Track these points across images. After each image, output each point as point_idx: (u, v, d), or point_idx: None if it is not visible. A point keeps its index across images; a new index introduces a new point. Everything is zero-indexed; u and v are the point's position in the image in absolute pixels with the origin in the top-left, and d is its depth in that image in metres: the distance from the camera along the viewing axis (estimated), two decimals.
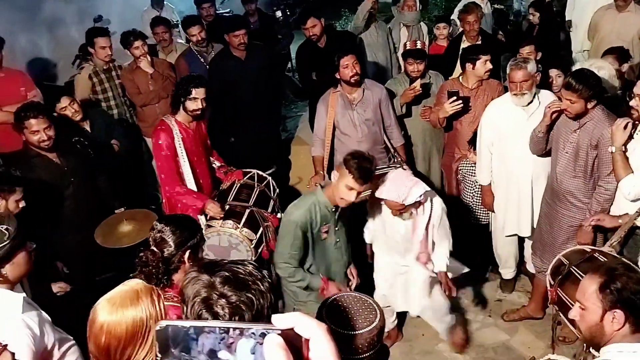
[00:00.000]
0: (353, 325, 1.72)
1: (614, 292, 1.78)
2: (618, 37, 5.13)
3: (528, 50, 4.38)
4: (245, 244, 3.59)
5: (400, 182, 3.15)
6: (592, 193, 3.43)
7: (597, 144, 3.30)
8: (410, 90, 4.30)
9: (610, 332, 1.81)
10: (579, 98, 3.24)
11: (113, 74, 5.11)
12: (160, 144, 3.71)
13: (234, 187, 3.89)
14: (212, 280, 1.28)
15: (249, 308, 1.23)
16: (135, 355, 1.65)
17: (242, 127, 5.05)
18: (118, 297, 1.69)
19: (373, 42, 5.35)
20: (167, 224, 2.30)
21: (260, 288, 1.27)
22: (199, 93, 3.70)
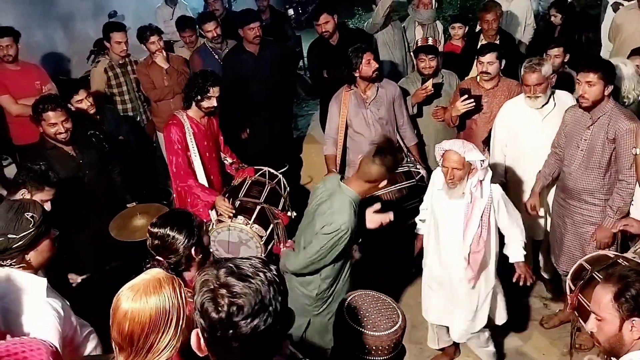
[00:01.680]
0: (378, 325, 1.68)
1: (630, 300, 1.75)
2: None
3: (556, 52, 4.30)
4: (255, 240, 3.58)
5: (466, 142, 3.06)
6: (608, 189, 3.38)
7: (614, 138, 3.25)
8: (422, 90, 4.28)
9: (630, 341, 1.78)
10: (599, 79, 3.20)
11: (128, 69, 5.15)
12: (171, 138, 3.74)
13: (245, 183, 3.90)
14: (216, 272, 1.29)
15: (251, 297, 1.23)
16: (158, 343, 1.67)
17: (255, 122, 5.07)
18: (141, 285, 1.71)
19: (390, 40, 5.32)
20: (163, 228, 2.28)
21: (263, 278, 1.26)
22: (215, 92, 3.73)
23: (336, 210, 2.81)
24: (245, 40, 4.91)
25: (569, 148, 3.50)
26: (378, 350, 1.66)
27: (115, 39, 4.97)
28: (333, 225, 2.77)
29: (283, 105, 5.38)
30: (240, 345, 1.25)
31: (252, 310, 1.23)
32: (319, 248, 2.83)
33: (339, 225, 2.77)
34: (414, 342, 3.85)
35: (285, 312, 1.28)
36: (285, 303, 1.28)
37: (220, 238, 3.63)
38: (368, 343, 1.65)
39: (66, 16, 6.85)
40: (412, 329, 3.95)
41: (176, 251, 2.27)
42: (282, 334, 1.30)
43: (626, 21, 5.31)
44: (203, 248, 2.33)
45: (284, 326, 1.29)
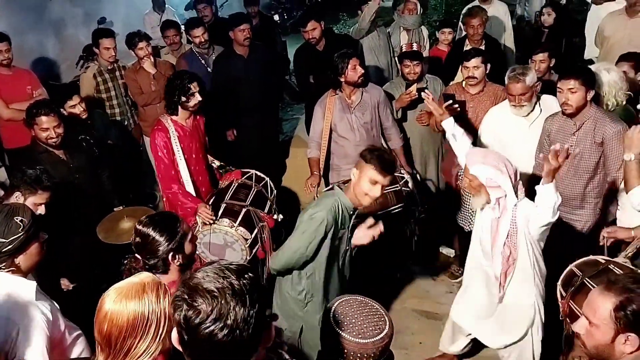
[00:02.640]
0: (364, 332, 1.67)
1: (630, 316, 1.69)
2: (630, 43, 5.08)
3: (542, 57, 4.31)
4: (240, 243, 3.60)
5: (490, 154, 2.96)
6: (597, 192, 3.41)
7: (602, 141, 3.28)
8: (406, 95, 4.31)
9: (620, 354, 1.74)
10: (580, 85, 3.23)
11: (117, 74, 5.21)
12: (156, 144, 3.78)
13: (231, 186, 3.92)
14: (194, 275, 1.31)
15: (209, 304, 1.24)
16: (136, 348, 1.67)
17: (246, 125, 5.11)
18: (125, 288, 1.72)
19: (375, 45, 5.37)
20: (147, 227, 2.29)
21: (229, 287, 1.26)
22: (196, 86, 3.77)
23: (318, 204, 2.87)
24: (235, 43, 4.96)
25: None
26: (363, 357, 1.64)
27: (104, 45, 5.03)
28: (310, 214, 2.82)
29: (272, 109, 5.43)
30: (202, 349, 1.26)
31: (206, 317, 1.23)
32: (297, 238, 2.86)
33: (314, 213, 2.80)
34: (399, 348, 3.81)
35: (254, 323, 1.26)
36: (256, 313, 1.26)
37: (206, 240, 3.65)
38: (353, 350, 1.64)
39: (58, 22, 6.88)
40: (398, 334, 3.85)
41: (154, 253, 2.27)
42: (249, 344, 1.28)
43: (613, 28, 5.34)
44: (184, 255, 2.32)
45: (252, 337, 1.26)
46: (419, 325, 4.06)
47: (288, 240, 2.93)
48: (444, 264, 4.69)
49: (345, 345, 1.66)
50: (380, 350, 1.66)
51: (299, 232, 2.85)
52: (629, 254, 3.02)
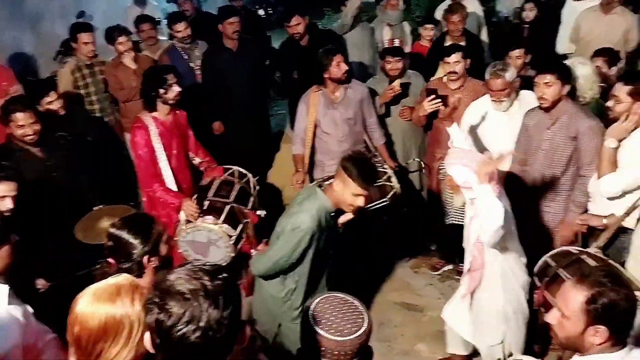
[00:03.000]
0: (342, 330, 1.67)
1: (601, 309, 1.73)
2: (606, 39, 5.19)
3: (517, 53, 4.37)
4: (224, 239, 3.58)
5: (470, 154, 2.99)
6: (570, 186, 3.49)
7: (575, 136, 3.36)
8: (390, 90, 4.33)
9: (589, 345, 1.79)
10: (556, 80, 3.31)
11: (96, 70, 5.10)
12: (136, 142, 3.72)
13: (214, 183, 3.88)
14: (166, 277, 1.30)
15: (180, 307, 1.23)
16: (106, 352, 1.64)
17: (234, 119, 5.09)
18: (100, 290, 1.69)
19: (359, 41, 5.39)
20: (120, 230, 2.23)
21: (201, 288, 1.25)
22: (172, 77, 3.71)
23: (301, 210, 2.83)
24: (225, 37, 4.94)
25: (530, 149, 3.59)
26: (341, 354, 1.65)
27: (82, 39, 4.93)
28: (293, 224, 2.79)
29: (263, 104, 5.41)
30: (175, 352, 1.24)
31: (179, 320, 1.22)
32: (280, 247, 2.85)
33: (299, 224, 2.77)
34: (381, 340, 3.87)
35: (228, 324, 1.25)
36: (230, 314, 1.25)
37: (189, 239, 3.62)
38: (330, 348, 1.65)
39: (34, 16, 6.72)
40: (380, 326, 3.98)
41: (128, 256, 2.20)
42: (223, 345, 1.27)
43: (589, 24, 5.43)
44: (159, 257, 2.26)
45: (226, 338, 1.26)
46: (400, 317, 4.12)
47: (272, 246, 2.92)
48: (425, 257, 4.76)
49: (323, 343, 1.66)
50: (357, 347, 1.67)
51: (282, 241, 2.84)
52: (600, 244, 3.12)
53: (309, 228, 2.77)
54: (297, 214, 2.82)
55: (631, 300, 1.76)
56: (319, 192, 2.89)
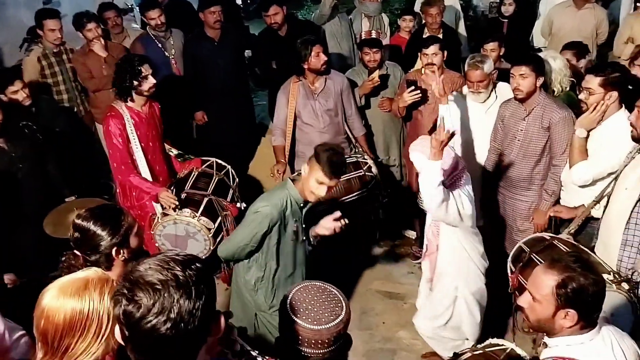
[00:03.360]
0: (319, 319, 1.66)
1: (570, 293, 1.77)
2: (579, 34, 5.30)
3: (492, 46, 4.43)
4: (203, 232, 3.52)
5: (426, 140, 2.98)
6: (543, 175, 3.57)
7: (548, 126, 3.45)
8: (369, 82, 4.32)
9: (560, 327, 1.84)
10: (531, 72, 3.39)
11: (64, 58, 4.94)
12: (110, 131, 3.60)
13: (191, 175, 3.81)
14: (135, 267, 1.25)
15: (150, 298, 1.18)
16: (74, 348, 1.59)
17: (216, 110, 5.00)
18: (66, 284, 1.63)
19: (337, 32, 5.34)
20: (87, 221, 2.13)
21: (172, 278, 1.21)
22: (147, 69, 3.61)
23: (267, 196, 2.91)
24: (206, 25, 4.84)
25: (506, 140, 3.66)
26: (318, 343, 1.64)
27: (48, 26, 4.74)
28: (256, 208, 2.85)
29: (245, 94, 5.33)
30: (144, 343, 1.21)
31: (148, 312, 1.17)
32: (241, 230, 2.92)
33: (260, 208, 2.83)
34: (363, 329, 3.91)
35: (200, 315, 1.22)
36: (202, 305, 1.22)
37: (167, 232, 3.54)
38: (307, 336, 1.63)
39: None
40: (362, 315, 4.03)
41: (96, 248, 2.10)
42: (196, 336, 1.24)
43: (562, 19, 5.54)
44: (130, 250, 2.17)
45: (198, 329, 1.22)
46: (382, 305, 4.16)
47: (235, 230, 3.01)
48: (406, 246, 4.81)
49: (300, 331, 1.65)
50: (335, 336, 1.66)
51: (244, 225, 2.91)
52: (572, 230, 3.22)
53: (268, 213, 2.82)
54: (261, 200, 2.91)
55: (600, 284, 1.82)
56: (289, 182, 2.95)
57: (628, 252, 2.81)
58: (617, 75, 3.12)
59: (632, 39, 4.97)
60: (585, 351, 1.83)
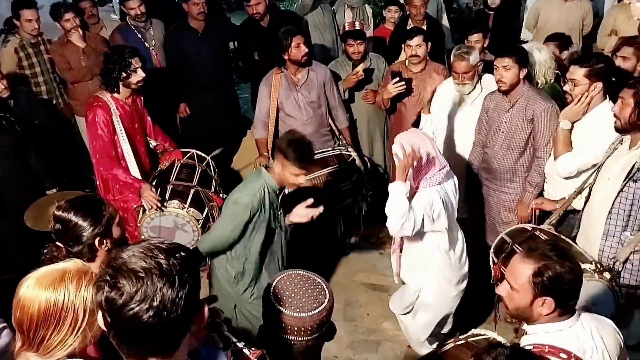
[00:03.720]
0: (302, 306, 1.66)
1: (546, 282, 1.79)
2: (565, 26, 5.34)
3: (476, 37, 4.44)
4: (192, 224, 3.49)
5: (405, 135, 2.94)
6: (527, 167, 3.58)
7: (532, 118, 3.45)
8: (353, 75, 4.30)
9: (537, 315, 1.86)
10: (514, 63, 3.39)
11: (42, 48, 4.86)
12: (96, 122, 3.52)
13: (174, 167, 3.76)
14: (118, 254, 1.23)
15: (132, 285, 1.17)
16: (49, 339, 1.57)
17: (199, 103, 4.95)
18: (43, 275, 1.61)
19: (320, 22, 5.32)
20: (67, 212, 2.10)
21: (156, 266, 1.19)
22: (137, 62, 3.55)
23: (244, 186, 2.91)
24: (190, 17, 4.77)
25: (490, 132, 3.67)
26: (301, 330, 1.64)
27: (25, 16, 4.65)
28: (234, 199, 2.85)
29: (230, 87, 5.28)
30: (126, 331, 1.20)
31: (130, 299, 1.16)
32: (221, 223, 2.91)
33: (239, 198, 2.83)
34: (348, 320, 3.91)
35: (184, 304, 1.20)
36: (186, 294, 1.21)
37: (155, 224, 3.50)
38: (290, 324, 1.63)
39: None
40: (347, 306, 4.03)
41: (78, 239, 2.08)
42: (179, 325, 1.23)
43: (549, 11, 5.57)
44: (111, 240, 2.15)
45: (181, 318, 1.21)
46: (366, 297, 4.16)
47: (215, 223, 2.99)
48: (390, 238, 4.75)
49: (283, 319, 1.66)
50: (318, 323, 1.66)
51: (224, 216, 2.91)
52: (553, 221, 3.25)
53: (248, 203, 2.82)
54: (239, 191, 2.91)
55: (576, 272, 1.84)
56: (264, 171, 2.95)
57: (610, 242, 2.85)
58: (602, 66, 3.13)
59: (616, 31, 5.01)
60: (563, 338, 1.86)
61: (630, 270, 2.84)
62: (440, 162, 2.89)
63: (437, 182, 2.87)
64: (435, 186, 2.87)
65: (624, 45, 3.84)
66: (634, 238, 2.79)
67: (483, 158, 3.79)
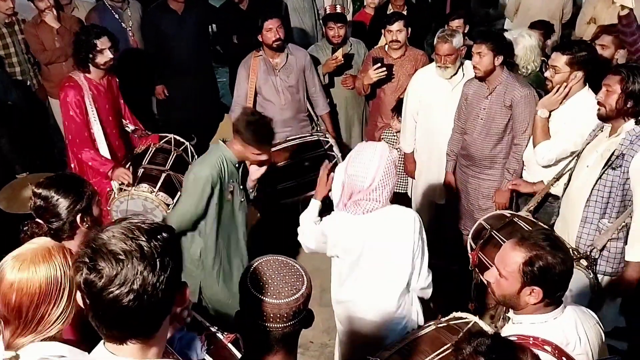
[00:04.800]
0: (279, 292, 1.63)
1: (537, 271, 1.79)
2: (547, 14, 5.33)
3: (457, 23, 4.43)
4: (161, 208, 3.44)
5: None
6: (505, 154, 3.58)
7: (510, 104, 3.45)
8: (332, 60, 4.26)
9: (524, 304, 1.86)
10: (488, 50, 3.38)
11: (16, 29, 4.76)
12: (68, 102, 3.47)
13: (149, 151, 3.72)
14: (97, 235, 1.20)
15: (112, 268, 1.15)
16: (49, 315, 1.58)
17: (177, 86, 4.88)
18: (29, 254, 1.60)
19: (300, 6, 5.26)
20: (48, 189, 2.10)
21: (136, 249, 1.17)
22: (104, 43, 3.48)
23: (201, 159, 2.87)
24: None
25: (470, 118, 3.65)
26: (276, 317, 1.61)
27: None
28: (194, 175, 2.81)
29: (209, 70, 5.21)
30: (106, 313, 1.18)
31: (109, 282, 1.14)
32: (184, 200, 2.86)
33: (197, 172, 2.80)
34: (324, 305, 3.86)
35: (165, 288, 1.19)
36: (167, 277, 1.19)
37: (123, 207, 3.44)
38: (266, 310, 1.60)
39: None
40: (322, 292, 3.99)
41: (58, 215, 2.08)
42: (159, 308, 1.22)
43: None
44: (92, 218, 2.15)
45: (162, 301, 1.20)
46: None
47: (177, 202, 2.95)
48: None
49: (260, 305, 1.62)
50: (295, 310, 1.63)
51: (185, 194, 2.87)
52: (531, 207, 3.24)
53: (208, 176, 2.79)
54: (197, 165, 2.87)
55: (567, 263, 1.83)
56: (221, 144, 2.90)
57: (587, 229, 2.87)
58: (584, 55, 3.11)
59: (595, 19, 5.01)
60: (548, 329, 1.85)
61: (607, 258, 2.86)
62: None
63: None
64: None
65: (602, 33, 3.85)
66: (611, 226, 2.80)
67: (462, 145, 3.78)
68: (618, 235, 2.82)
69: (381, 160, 2.36)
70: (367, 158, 2.38)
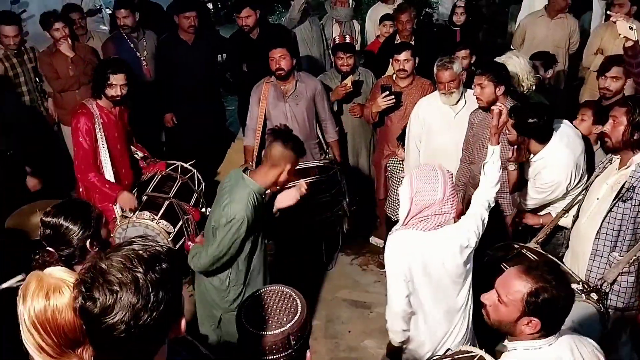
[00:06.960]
0: (270, 324, 1.64)
1: (540, 303, 1.77)
2: (552, 43, 5.35)
3: (464, 54, 4.46)
4: (162, 236, 3.45)
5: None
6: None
7: None
8: (342, 88, 4.30)
9: (520, 332, 1.84)
10: (488, 81, 3.41)
11: (25, 58, 4.87)
12: (79, 128, 3.54)
13: (155, 178, 3.75)
14: (95, 263, 1.22)
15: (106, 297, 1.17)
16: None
17: (186, 113, 4.95)
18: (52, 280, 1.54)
19: (308, 36, 5.34)
20: (56, 217, 2.12)
21: (131, 280, 1.18)
22: (118, 79, 3.54)
23: (232, 200, 2.76)
24: (180, 29, 4.80)
25: (476, 147, 3.65)
26: (272, 348, 1.62)
27: (4, 32, 4.64)
28: (228, 216, 2.72)
29: (217, 99, 5.29)
30: (102, 339, 1.21)
31: (103, 312, 1.16)
32: (219, 242, 2.76)
33: (233, 215, 2.71)
34: (329, 337, 3.85)
35: (159, 318, 1.20)
36: (164, 309, 1.21)
37: (125, 235, 3.44)
38: (263, 343, 1.62)
39: None
40: (328, 323, 3.97)
41: (69, 242, 2.11)
42: (153, 338, 1.25)
43: (536, 28, 5.59)
44: (100, 241, 2.19)
45: (156, 331, 1.23)
46: (348, 314, 4.09)
47: (209, 241, 2.84)
48: (373, 254, 4.74)
49: (257, 339, 1.63)
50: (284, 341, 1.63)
51: (220, 235, 2.76)
52: (540, 239, 3.21)
53: (243, 217, 2.72)
54: (229, 205, 2.75)
55: (570, 299, 1.81)
56: (246, 177, 2.83)
57: (597, 262, 2.82)
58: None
59: (602, 50, 5.02)
60: (543, 355, 1.82)
61: (618, 292, 2.81)
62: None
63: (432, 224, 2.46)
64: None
65: (612, 65, 3.83)
66: (622, 259, 2.76)
67: (470, 174, 3.75)
68: (629, 269, 2.77)
69: (444, 175, 2.40)
70: (431, 175, 2.40)
